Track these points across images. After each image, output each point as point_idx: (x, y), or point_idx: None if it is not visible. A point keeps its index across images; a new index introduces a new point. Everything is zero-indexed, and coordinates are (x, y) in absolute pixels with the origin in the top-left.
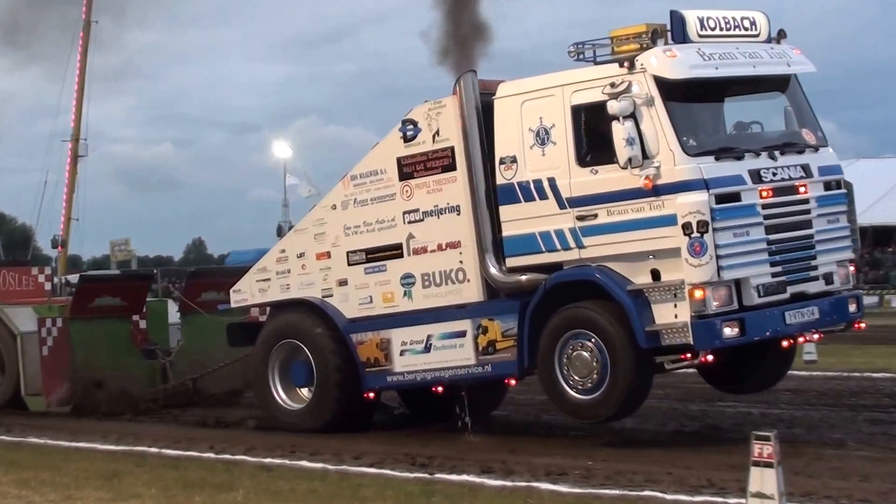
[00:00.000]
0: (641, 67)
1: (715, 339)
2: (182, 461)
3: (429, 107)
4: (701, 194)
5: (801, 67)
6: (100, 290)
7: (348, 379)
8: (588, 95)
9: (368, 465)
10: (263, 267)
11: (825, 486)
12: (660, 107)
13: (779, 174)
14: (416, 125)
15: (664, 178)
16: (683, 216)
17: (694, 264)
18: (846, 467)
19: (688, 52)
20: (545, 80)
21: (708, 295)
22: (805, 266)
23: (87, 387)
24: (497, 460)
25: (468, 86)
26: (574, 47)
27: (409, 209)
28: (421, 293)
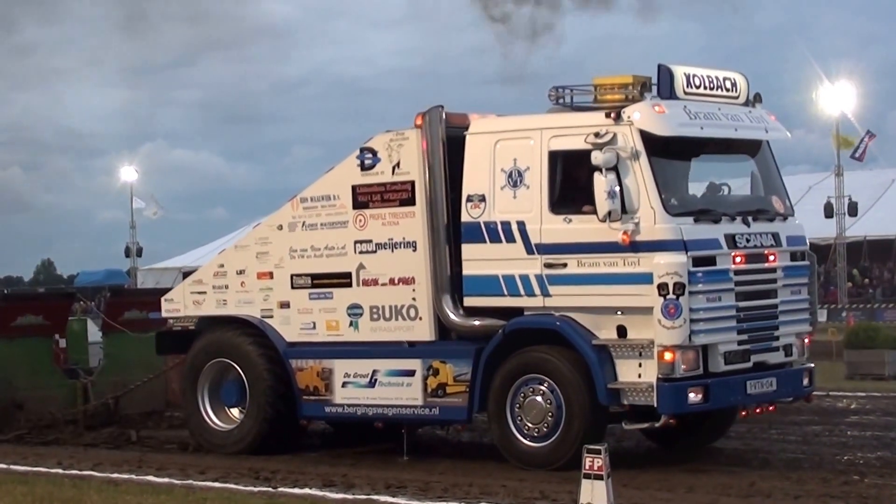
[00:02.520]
0: (628, 120)
1: (680, 404)
2: (30, 476)
3: (390, 137)
4: (680, 255)
5: (777, 134)
6: (22, 309)
7: (282, 402)
8: (568, 142)
9: (213, 479)
10: (199, 279)
11: (653, 498)
12: (644, 162)
13: (752, 241)
14: (375, 154)
15: (643, 234)
16: (660, 276)
17: (667, 326)
18: (672, 479)
19: (675, 108)
20: (523, 122)
21: (677, 358)
22: (768, 336)
23: (6, 407)
24: (338, 474)
25: (434, 121)
26: (554, 91)
27: (362, 239)
28: (368, 325)
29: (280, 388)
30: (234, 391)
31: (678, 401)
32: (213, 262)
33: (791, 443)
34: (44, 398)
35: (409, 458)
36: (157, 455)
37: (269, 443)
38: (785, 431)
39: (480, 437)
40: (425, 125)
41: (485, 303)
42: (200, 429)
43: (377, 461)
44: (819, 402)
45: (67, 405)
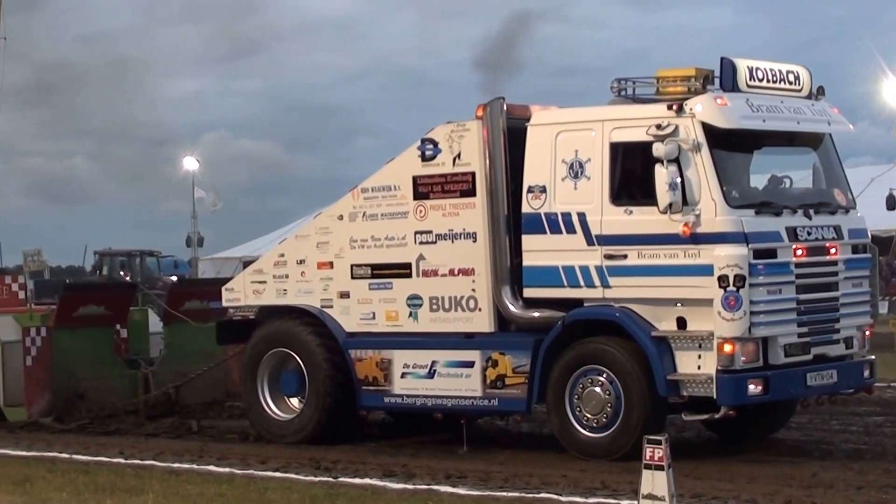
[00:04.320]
0: (690, 112)
1: (740, 396)
2: (92, 466)
3: (451, 128)
4: (740, 248)
5: (840, 127)
6: (84, 299)
7: (341, 392)
8: (629, 134)
9: (274, 469)
10: (259, 269)
11: (713, 488)
12: (706, 154)
13: (813, 233)
14: (436, 145)
15: (704, 227)
16: (721, 268)
17: (727, 318)
18: (732, 469)
19: (738, 101)
20: (585, 113)
21: (737, 350)
22: (829, 328)
23: (68, 397)
24: (398, 464)
25: (495, 113)
26: (616, 82)
27: (422, 230)
28: (428, 316)
29: (339, 378)
30: (294, 381)
31: (738, 392)
32: (273, 251)
33: (853, 433)
34: (105, 388)
35: (468, 448)
36: (217, 445)
37: (329, 433)
38: (846, 422)
39: (540, 427)
40: (486, 116)
41: (544, 294)
42: (260, 418)
43: (437, 451)
44: (880, 393)
45: (129, 395)
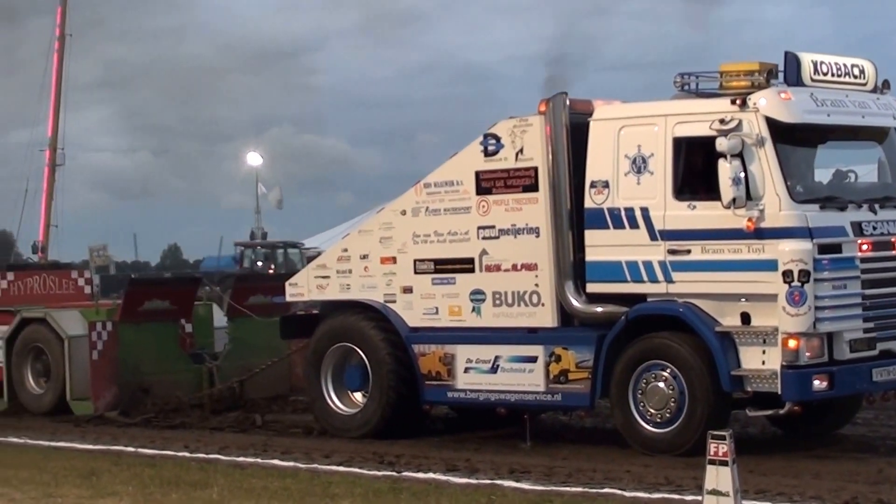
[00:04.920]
0: (754, 107)
1: (804, 391)
2: (158, 460)
3: (514, 123)
4: (805, 243)
5: None
6: (149, 294)
7: (405, 387)
8: (692, 129)
9: (338, 463)
10: (323, 264)
11: (778, 484)
12: (770, 149)
13: (879, 228)
14: (498, 140)
15: (768, 221)
16: (785, 263)
17: (791, 313)
18: (798, 465)
19: (802, 95)
20: (647, 108)
21: (802, 345)
22: (895, 324)
23: (133, 391)
24: (462, 459)
25: (558, 108)
26: (680, 77)
27: (485, 225)
28: (491, 311)
29: (403, 372)
30: (357, 375)
31: (803, 388)
32: (336, 246)
33: None
34: (170, 382)
35: (531, 443)
36: (281, 439)
37: (393, 427)
38: None
39: (603, 423)
40: (549, 111)
41: (607, 289)
42: (324, 413)
43: (500, 446)
44: None
45: (193, 389)
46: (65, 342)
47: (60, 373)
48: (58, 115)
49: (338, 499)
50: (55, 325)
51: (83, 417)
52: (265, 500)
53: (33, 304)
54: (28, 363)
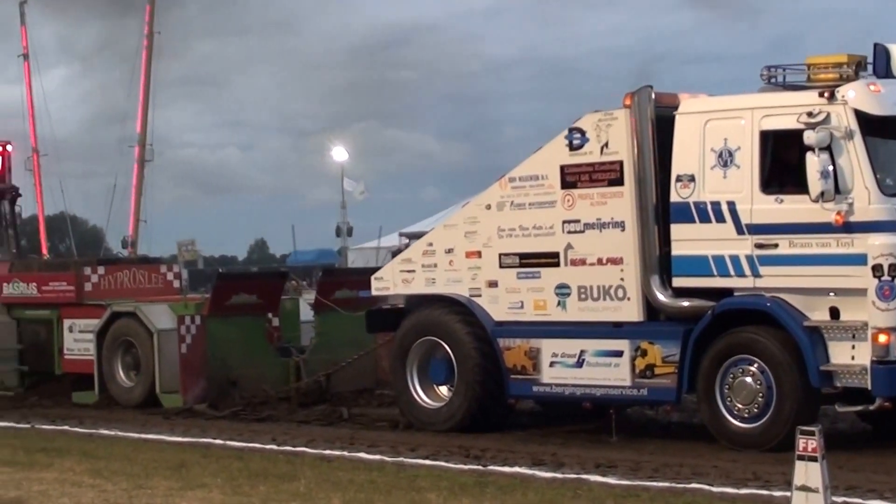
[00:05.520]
0: (842, 99)
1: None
2: (246, 452)
3: (599, 117)
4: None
5: None
6: (237, 288)
7: (490, 381)
8: (780, 122)
9: (424, 457)
10: (408, 258)
11: (868, 480)
12: (859, 142)
13: None
14: (583, 134)
15: (857, 215)
16: (875, 257)
17: (881, 308)
18: (888, 462)
19: (891, 87)
20: (734, 101)
21: (892, 340)
22: None
23: (221, 384)
24: (548, 453)
25: (643, 101)
26: (766, 70)
27: (570, 219)
28: (576, 305)
29: (488, 366)
30: (443, 369)
31: (893, 383)
32: (422, 240)
33: None
34: (257, 376)
35: (618, 438)
36: (368, 432)
37: (478, 421)
38: None
39: (690, 417)
40: (634, 105)
41: (694, 283)
42: (410, 406)
43: (586, 441)
44: None
45: (280, 383)
46: (154, 336)
47: (150, 366)
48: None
49: (424, 492)
50: (144, 319)
51: (172, 410)
52: (352, 493)
53: (123, 298)
54: (118, 356)
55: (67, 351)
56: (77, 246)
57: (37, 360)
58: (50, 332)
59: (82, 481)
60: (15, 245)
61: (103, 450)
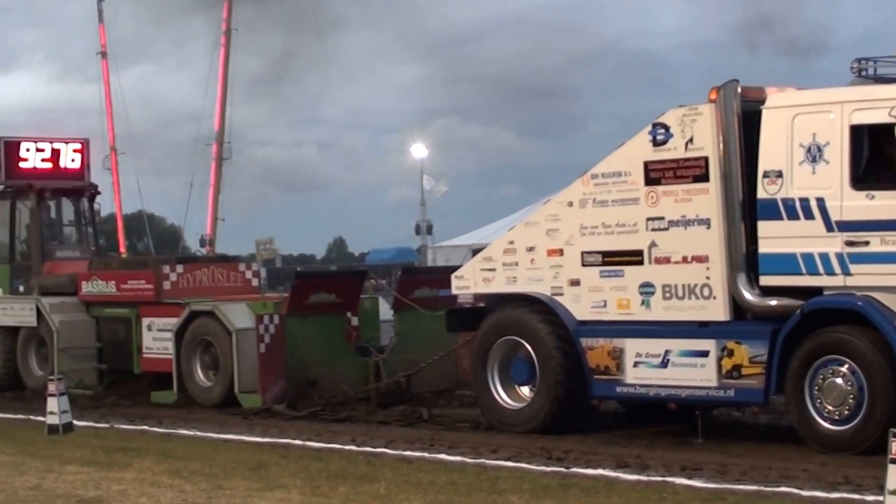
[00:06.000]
0: None
1: None
2: (325, 453)
3: (683, 112)
4: None
5: None
6: (316, 287)
7: (573, 381)
8: (871, 115)
9: (505, 458)
10: (489, 256)
11: None
12: None
13: None
14: (667, 130)
15: None
16: None
17: None
18: None
19: None
20: (823, 95)
21: None
22: None
23: (300, 384)
24: (632, 455)
25: (729, 95)
26: (857, 63)
27: (654, 216)
28: (660, 304)
29: (570, 366)
30: (524, 369)
31: None
32: (503, 238)
33: None
34: (337, 376)
35: (703, 440)
36: (448, 433)
37: (560, 422)
38: None
39: (778, 419)
40: (720, 99)
41: (781, 282)
42: (491, 407)
43: (671, 443)
44: None
45: (360, 383)
46: (232, 335)
47: (228, 366)
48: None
49: (505, 494)
50: (223, 318)
51: (251, 410)
52: (432, 494)
53: (202, 296)
54: (197, 356)
55: (146, 350)
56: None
57: (115, 359)
58: (128, 330)
59: (161, 481)
60: (94, 243)
61: (182, 450)
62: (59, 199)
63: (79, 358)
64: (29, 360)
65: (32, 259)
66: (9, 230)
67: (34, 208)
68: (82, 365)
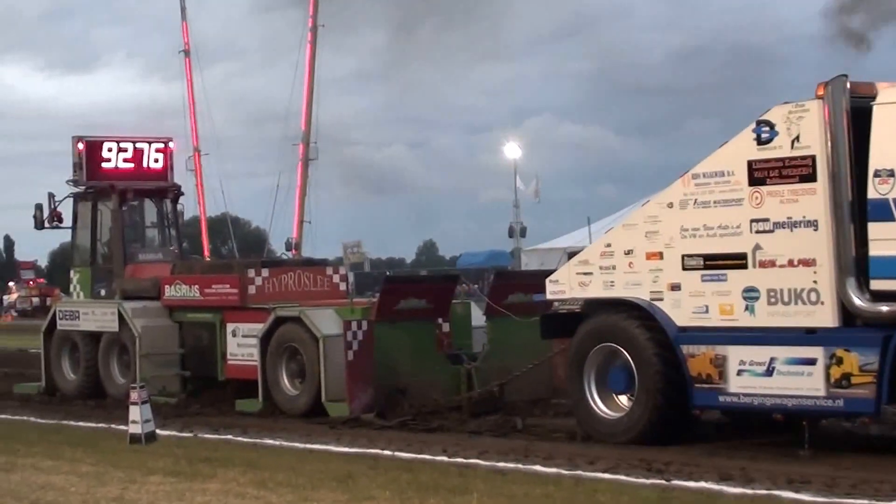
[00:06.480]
0: None
1: None
2: (415, 464)
3: (789, 109)
4: None
5: None
6: (405, 292)
7: (673, 390)
8: None
9: (603, 470)
10: (585, 260)
11: None
12: None
13: None
14: (772, 127)
15: None
16: None
17: None
18: None
19: None
20: None
21: None
22: None
23: (390, 393)
24: (736, 467)
25: (837, 91)
26: None
27: (758, 217)
28: (765, 310)
29: (671, 374)
30: (622, 377)
31: None
32: (600, 241)
33: None
34: (427, 384)
35: (811, 451)
36: (543, 444)
37: (660, 432)
38: None
39: (890, 430)
40: (828, 95)
41: (894, 286)
42: (587, 417)
43: (776, 454)
44: None
45: (451, 391)
46: (319, 342)
47: (315, 373)
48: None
49: None
50: (310, 324)
51: (338, 419)
52: None
53: (288, 301)
54: (283, 363)
55: (230, 356)
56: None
57: (199, 366)
58: (212, 336)
59: (246, 493)
60: (177, 246)
61: (268, 460)
62: (142, 200)
63: (161, 364)
64: (111, 367)
65: (114, 262)
66: (90, 232)
67: (116, 210)
68: (165, 371)
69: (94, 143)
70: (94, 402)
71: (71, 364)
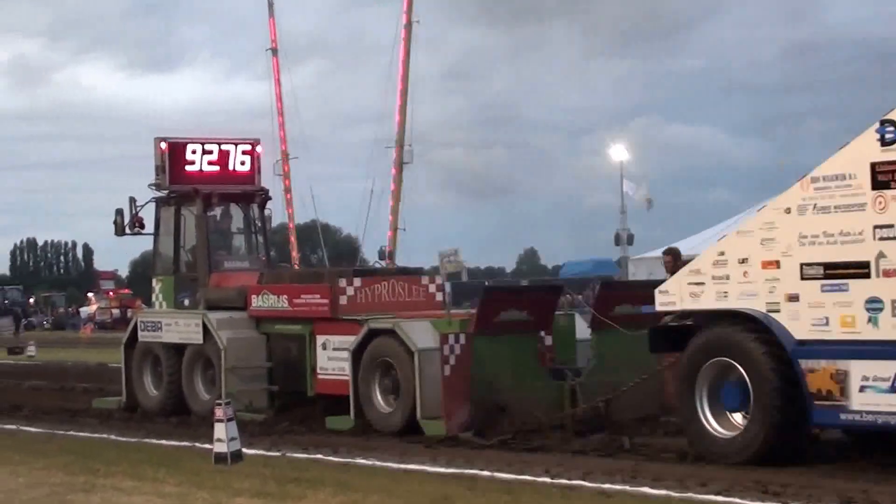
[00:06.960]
0: None
1: None
2: (515, 486)
3: None
4: None
5: None
6: (505, 303)
7: (791, 407)
8: None
9: (715, 492)
10: (697, 269)
11: None
12: None
13: None
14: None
15: None
16: None
17: None
18: None
19: None
20: None
21: None
22: None
23: (489, 410)
24: (858, 490)
25: None
26: None
27: (883, 223)
28: (890, 322)
29: (788, 391)
30: (736, 394)
31: None
32: (712, 249)
33: None
34: (528, 400)
35: None
36: (652, 464)
37: (777, 452)
38: None
39: None
40: None
41: None
42: (699, 436)
43: None
44: None
45: (554, 408)
46: (414, 356)
47: (410, 389)
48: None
49: None
50: (404, 338)
51: (434, 438)
52: None
53: (381, 312)
54: (376, 378)
55: (321, 370)
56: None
57: (287, 380)
58: (302, 349)
59: None
60: (265, 253)
61: (360, 481)
62: (228, 205)
63: (248, 379)
64: (194, 382)
65: (198, 270)
66: (173, 239)
67: (200, 215)
68: (252, 386)
69: (178, 145)
70: (176, 418)
71: (153, 378)
